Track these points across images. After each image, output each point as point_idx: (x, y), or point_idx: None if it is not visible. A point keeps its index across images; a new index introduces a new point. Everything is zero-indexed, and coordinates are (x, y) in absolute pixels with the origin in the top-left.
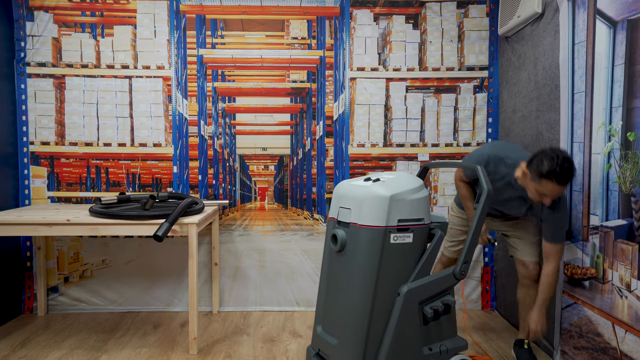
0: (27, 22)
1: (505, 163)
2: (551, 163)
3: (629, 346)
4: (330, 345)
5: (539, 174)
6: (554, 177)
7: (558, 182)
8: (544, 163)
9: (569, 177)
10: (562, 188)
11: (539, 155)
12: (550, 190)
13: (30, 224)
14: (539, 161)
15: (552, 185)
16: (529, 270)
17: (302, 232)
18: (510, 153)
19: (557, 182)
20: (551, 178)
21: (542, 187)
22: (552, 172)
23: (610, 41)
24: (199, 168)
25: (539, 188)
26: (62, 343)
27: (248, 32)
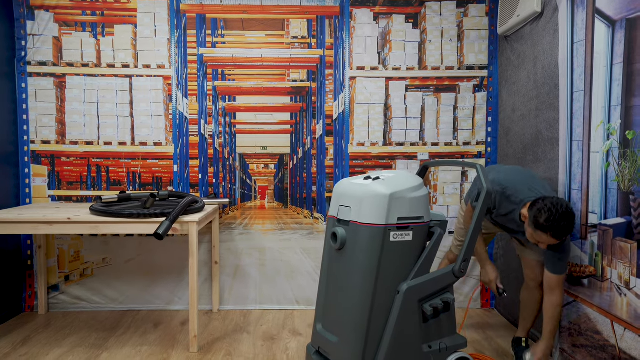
0: (28, 21)
1: (511, 200)
2: (548, 217)
3: (627, 344)
4: (330, 343)
5: (535, 223)
6: (549, 232)
7: (553, 237)
8: (542, 215)
9: (564, 233)
10: (558, 240)
11: (540, 204)
12: (545, 240)
13: (31, 222)
14: (538, 211)
15: (547, 238)
16: (534, 271)
17: (302, 231)
18: (519, 189)
19: (552, 236)
20: (546, 232)
21: (537, 236)
22: (548, 227)
23: (609, 40)
24: (199, 167)
25: (534, 235)
26: (62, 341)
27: (248, 32)
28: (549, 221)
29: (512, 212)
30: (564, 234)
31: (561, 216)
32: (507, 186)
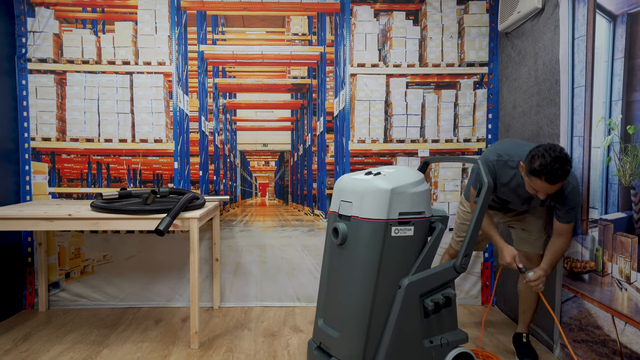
0: (28, 18)
1: (509, 165)
2: (541, 162)
3: (628, 338)
4: (331, 338)
5: (528, 170)
6: (543, 176)
7: (547, 181)
8: (535, 160)
9: (557, 177)
10: (553, 187)
11: (534, 151)
12: (539, 187)
13: (31, 219)
14: (531, 158)
15: (541, 183)
16: (532, 264)
17: (303, 228)
18: (514, 153)
19: (546, 181)
20: (540, 177)
21: (533, 183)
22: (540, 171)
23: (610, 35)
24: (200, 164)
25: (530, 183)
26: (63, 338)
27: (249, 28)
28: (542, 165)
29: (513, 178)
30: (557, 177)
31: (554, 159)
32: (502, 153)
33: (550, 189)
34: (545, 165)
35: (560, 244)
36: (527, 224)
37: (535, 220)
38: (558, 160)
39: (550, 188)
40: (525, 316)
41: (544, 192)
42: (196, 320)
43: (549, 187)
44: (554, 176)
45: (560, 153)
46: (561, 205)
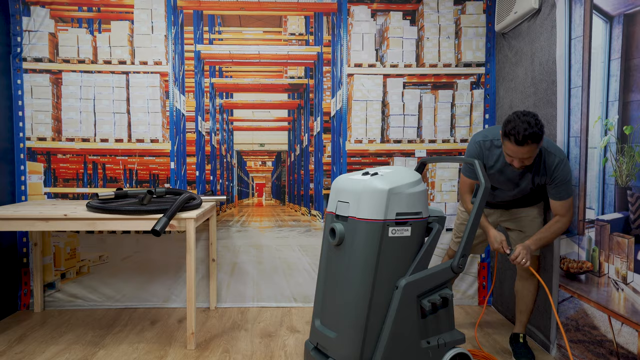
0: (24, 17)
1: (495, 145)
2: (511, 124)
3: (625, 338)
4: (328, 339)
5: (502, 135)
6: (512, 137)
7: (515, 143)
8: (507, 124)
9: (524, 138)
10: (522, 149)
11: (508, 117)
12: (510, 150)
13: (27, 219)
14: (505, 122)
15: (512, 146)
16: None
17: (300, 228)
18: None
19: (514, 142)
20: (510, 138)
21: (506, 148)
22: (509, 132)
23: (607, 36)
24: (197, 164)
25: (505, 150)
26: (59, 339)
27: (245, 28)
28: (511, 126)
29: (500, 157)
30: (524, 138)
31: (523, 121)
32: (488, 134)
33: (520, 151)
34: (514, 126)
35: (552, 225)
36: (523, 225)
37: (530, 222)
38: (527, 122)
39: (520, 151)
40: (522, 316)
41: (515, 156)
42: (192, 321)
43: (518, 150)
44: (522, 137)
45: (530, 117)
46: (550, 180)
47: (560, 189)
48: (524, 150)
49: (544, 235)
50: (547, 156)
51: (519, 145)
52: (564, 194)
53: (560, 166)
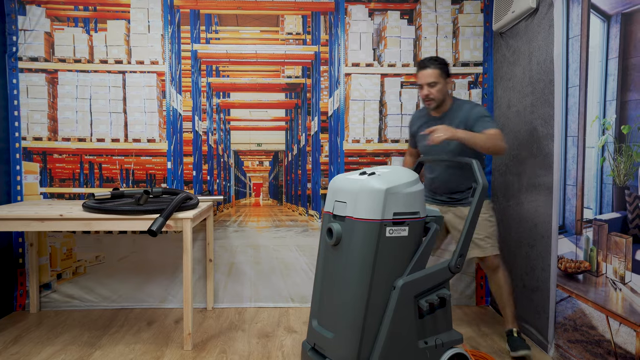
0: (19, 16)
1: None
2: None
3: (622, 338)
4: (325, 339)
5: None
6: (418, 66)
7: (419, 68)
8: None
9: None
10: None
11: None
12: (418, 79)
13: (22, 219)
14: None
15: (418, 74)
16: (491, 264)
17: (297, 228)
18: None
19: (419, 68)
20: (417, 69)
21: (417, 80)
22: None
23: (604, 35)
24: (193, 164)
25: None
26: (55, 339)
27: (243, 27)
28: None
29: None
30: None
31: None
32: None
33: (424, 75)
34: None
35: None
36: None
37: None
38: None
39: (423, 74)
40: (506, 311)
41: (422, 82)
42: (189, 322)
43: (422, 74)
44: (423, 61)
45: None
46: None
47: (482, 122)
48: (427, 73)
49: (476, 135)
50: (462, 104)
51: (422, 69)
52: (487, 125)
53: (475, 107)
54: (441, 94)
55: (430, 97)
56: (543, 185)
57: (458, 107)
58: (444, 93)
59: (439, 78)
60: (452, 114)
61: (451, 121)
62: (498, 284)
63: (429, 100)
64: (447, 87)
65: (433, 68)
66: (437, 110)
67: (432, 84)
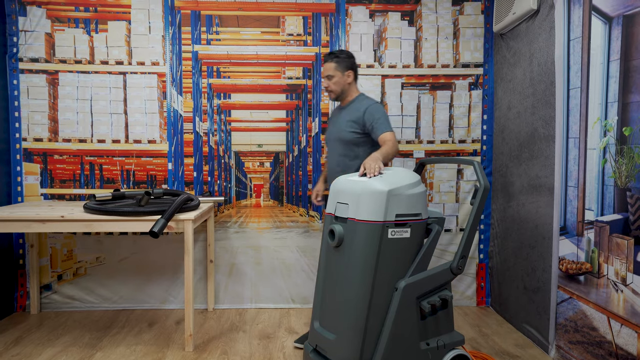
0: (20, 17)
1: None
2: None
3: (624, 339)
4: (327, 341)
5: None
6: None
7: (325, 61)
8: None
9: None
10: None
11: None
12: (324, 69)
13: (23, 221)
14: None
15: (325, 64)
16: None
17: (298, 229)
18: None
19: (325, 60)
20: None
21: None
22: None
23: (606, 37)
24: (194, 165)
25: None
26: (55, 341)
27: (243, 29)
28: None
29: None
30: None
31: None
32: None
33: (326, 68)
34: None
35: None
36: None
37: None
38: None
39: (326, 67)
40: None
41: (324, 74)
42: (190, 323)
43: (325, 67)
44: (326, 54)
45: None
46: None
47: (379, 125)
48: (328, 66)
49: (385, 149)
50: (364, 99)
51: (324, 62)
52: (383, 127)
53: (372, 106)
54: (338, 86)
55: (329, 89)
56: (544, 187)
57: (360, 101)
58: (342, 85)
59: (336, 71)
60: (354, 106)
61: (350, 112)
62: None
63: (328, 92)
64: (345, 80)
65: (331, 61)
66: (342, 101)
67: (330, 76)
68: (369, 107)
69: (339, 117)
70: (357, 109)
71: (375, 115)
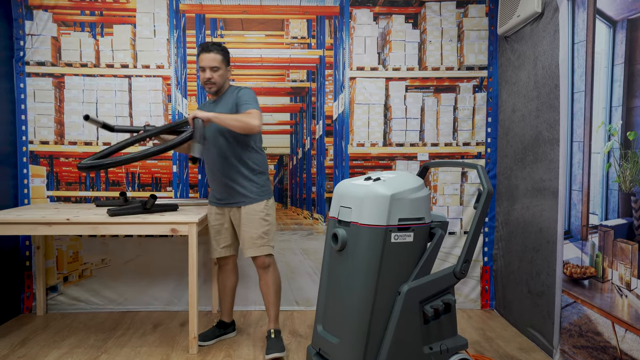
0: (26, 21)
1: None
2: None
3: (629, 345)
4: (330, 345)
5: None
6: (202, 48)
7: (204, 51)
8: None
9: (209, 45)
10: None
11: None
12: (202, 60)
13: (29, 223)
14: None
15: (202, 55)
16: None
17: (302, 232)
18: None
19: (203, 51)
20: (200, 50)
21: (199, 62)
22: (199, 47)
23: (610, 40)
24: (199, 167)
25: (199, 65)
26: (61, 342)
27: (248, 32)
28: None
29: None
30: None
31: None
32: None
33: (208, 58)
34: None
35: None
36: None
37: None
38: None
39: (208, 58)
40: (271, 312)
41: (206, 65)
42: (195, 325)
43: (206, 57)
44: (207, 45)
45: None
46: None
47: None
48: (211, 57)
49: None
50: (235, 89)
51: (206, 52)
52: (248, 107)
53: (241, 90)
54: (222, 79)
55: (212, 81)
56: (548, 190)
57: (231, 92)
58: (225, 79)
59: (222, 64)
60: (226, 98)
61: (225, 104)
62: (267, 284)
63: (210, 84)
64: (227, 74)
65: (216, 53)
66: (215, 95)
67: (215, 68)
68: (240, 91)
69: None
70: (233, 99)
71: (245, 96)
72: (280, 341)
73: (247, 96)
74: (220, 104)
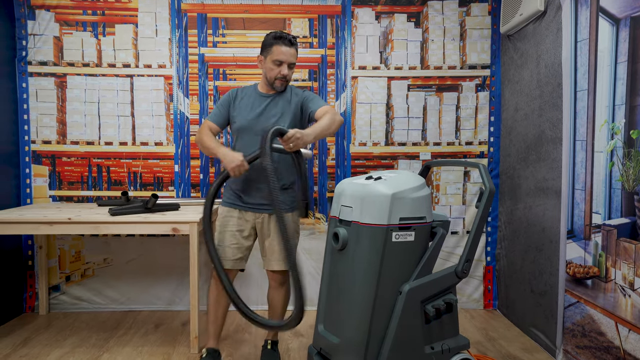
0: (29, 21)
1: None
2: (276, 33)
3: (632, 345)
4: (331, 344)
5: (269, 44)
6: (284, 40)
7: (286, 45)
8: (270, 35)
9: (293, 40)
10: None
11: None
12: (282, 53)
13: (32, 223)
14: (265, 38)
15: (284, 48)
16: (283, 278)
17: (303, 231)
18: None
19: (287, 44)
20: (282, 41)
21: (275, 54)
22: (279, 36)
23: (613, 39)
24: (201, 167)
25: (273, 57)
26: (63, 342)
27: (249, 31)
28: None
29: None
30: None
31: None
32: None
33: (289, 53)
34: (281, 34)
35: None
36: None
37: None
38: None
39: (290, 52)
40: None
41: (286, 60)
42: (196, 324)
43: (288, 52)
44: (288, 39)
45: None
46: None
47: (315, 101)
48: (292, 52)
49: (320, 125)
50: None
51: (287, 46)
52: (320, 102)
53: (302, 90)
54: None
55: (287, 78)
56: (551, 189)
57: (288, 90)
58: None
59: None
60: (286, 96)
61: (286, 102)
62: (279, 300)
63: (284, 82)
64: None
65: (296, 49)
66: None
67: (292, 65)
68: (299, 89)
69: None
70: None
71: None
72: (275, 353)
73: (312, 93)
74: (280, 102)
